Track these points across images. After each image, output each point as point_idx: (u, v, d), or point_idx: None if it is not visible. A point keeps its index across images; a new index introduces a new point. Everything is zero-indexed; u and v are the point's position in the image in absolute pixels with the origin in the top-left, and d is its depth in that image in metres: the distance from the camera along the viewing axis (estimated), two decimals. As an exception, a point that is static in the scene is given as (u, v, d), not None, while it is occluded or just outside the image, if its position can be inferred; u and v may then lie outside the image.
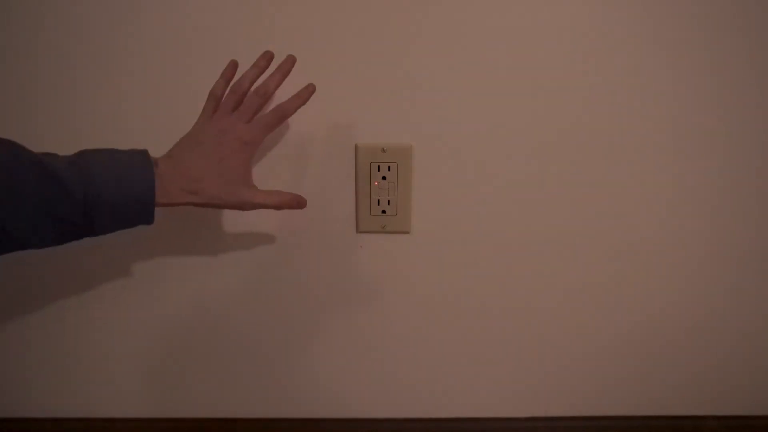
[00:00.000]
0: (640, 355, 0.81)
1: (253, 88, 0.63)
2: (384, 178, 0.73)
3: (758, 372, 0.83)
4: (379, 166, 0.73)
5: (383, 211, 0.75)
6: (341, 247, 0.76)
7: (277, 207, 0.65)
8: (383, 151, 0.72)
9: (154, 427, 0.82)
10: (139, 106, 0.70)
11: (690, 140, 0.73)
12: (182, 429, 0.82)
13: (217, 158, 0.59)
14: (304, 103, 0.64)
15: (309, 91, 0.65)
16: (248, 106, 0.62)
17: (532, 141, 0.73)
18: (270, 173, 0.74)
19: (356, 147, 0.73)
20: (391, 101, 0.71)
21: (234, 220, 0.75)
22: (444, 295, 0.78)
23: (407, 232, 0.76)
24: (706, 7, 0.69)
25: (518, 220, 0.76)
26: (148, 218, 0.57)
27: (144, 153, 0.57)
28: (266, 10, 0.68)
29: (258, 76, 0.64)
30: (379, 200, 0.74)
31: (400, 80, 0.71)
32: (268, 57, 0.64)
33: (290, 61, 0.64)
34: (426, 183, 0.74)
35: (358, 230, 0.76)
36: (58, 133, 0.71)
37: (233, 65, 0.64)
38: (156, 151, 0.60)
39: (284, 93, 0.68)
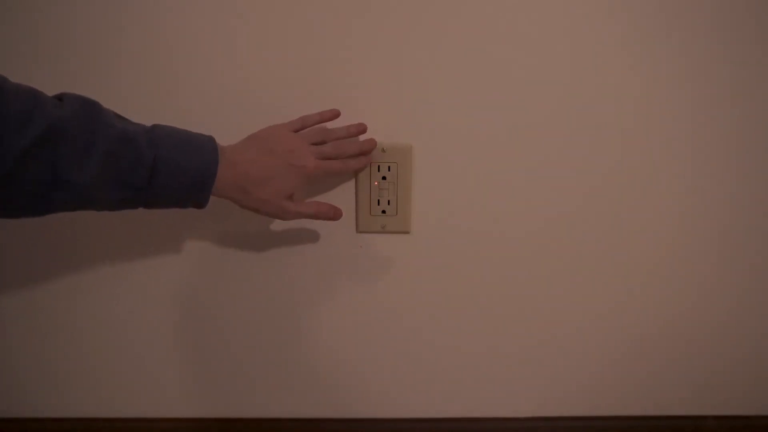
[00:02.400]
0: (641, 356, 0.81)
1: (337, 142, 0.69)
2: (384, 178, 0.73)
3: (758, 372, 0.82)
4: (379, 166, 0.73)
5: (383, 211, 0.75)
6: (341, 247, 0.76)
7: (314, 217, 0.67)
8: (383, 151, 0.72)
9: (154, 427, 0.82)
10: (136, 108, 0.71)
11: (702, 142, 0.73)
12: (182, 429, 0.82)
13: (280, 173, 0.63)
14: (369, 163, 0.72)
15: (372, 146, 0.70)
16: (326, 150, 0.67)
17: (534, 141, 0.73)
18: (270, 173, 0.74)
19: (356, 147, 0.73)
20: (391, 101, 0.71)
21: (234, 219, 0.75)
22: (444, 295, 0.78)
23: (407, 232, 0.76)
24: (723, 13, 0.69)
25: (519, 220, 0.76)
26: (202, 199, 0.59)
27: (212, 138, 0.60)
28: (266, 10, 0.68)
29: (345, 137, 0.69)
30: (379, 200, 0.74)
31: (400, 80, 0.71)
32: (361, 129, 0.70)
33: (372, 145, 0.70)
34: (426, 183, 0.74)
35: (358, 230, 0.76)
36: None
37: (335, 113, 0.69)
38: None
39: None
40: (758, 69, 0.71)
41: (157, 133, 0.56)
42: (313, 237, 0.76)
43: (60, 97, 0.52)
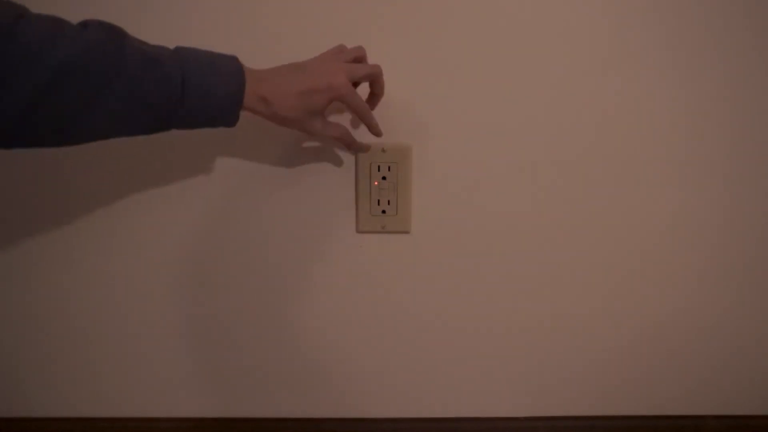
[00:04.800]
0: (640, 355, 0.81)
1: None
2: (384, 178, 0.73)
3: (758, 372, 0.82)
4: (379, 166, 0.73)
5: (383, 211, 0.75)
6: (341, 247, 0.76)
7: (338, 139, 0.67)
8: (383, 151, 0.72)
9: (155, 427, 0.82)
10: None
11: (698, 143, 0.74)
12: (183, 429, 0.82)
13: (307, 91, 0.61)
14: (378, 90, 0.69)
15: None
16: (358, 71, 0.65)
17: (534, 141, 0.73)
18: (270, 173, 0.74)
19: (356, 147, 0.73)
20: (391, 101, 0.71)
21: (233, 219, 0.75)
22: (443, 295, 0.78)
23: (407, 232, 0.76)
24: (719, 13, 0.70)
25: (519, 220, 0.76)
26: (231, 118, 0.59)
27: (236, 57, 0.60)
28: (266, 9, 0.68)
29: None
30: (379, 200, 0.74)
31: (400, 80, 0.70)
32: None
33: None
34: (426, 183, 0.74)
35: (358, 230, 0.76)
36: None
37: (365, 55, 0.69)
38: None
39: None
40: (755, 68, 0.71)
41: (182, 55, 0.56)
42: (313, 237, 0.76)
43: (84, 24, 0.52)
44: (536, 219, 0.76)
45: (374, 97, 0.69)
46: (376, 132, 0.69)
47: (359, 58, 0.67)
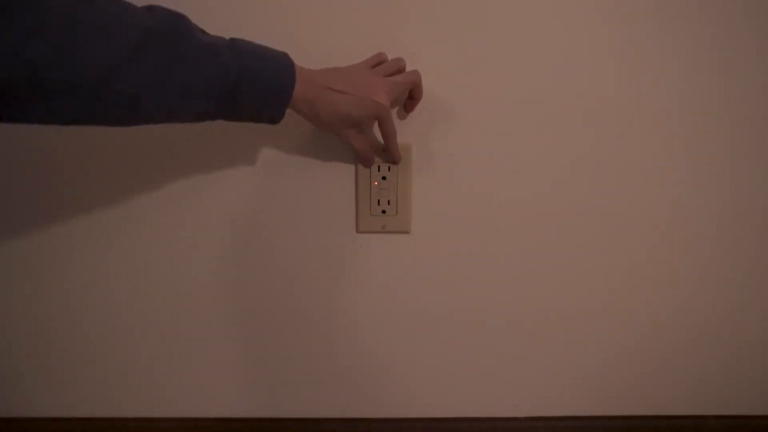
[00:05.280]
0: (640, 355, 0.81)
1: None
2: (384, 178, 0.73)
3: (758, 372, 0.82)
4: (379, 167, 0.73)
5: (383, 211, 0.75)
6: (341, 247, 0.76)
7: (358, 152, 0.69)
8: (383, 151, 0.72)
9: (155, 427, 0.82)
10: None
11: (697, 144, 0.74)
12: (183, 429, 0.82)
13: (350, 102, 0.63)
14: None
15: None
16: (398, 82, 0.67)
17: (534, 140, 0.73)
18: (270, 173, 0.74)
19: (356, 147, 0.73)
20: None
21: (232, 219, 0.75)
22: (444, 294, 0.78)
23: (407, 232, 0.76)
24: (717, 11, 0.70)
25: (519, 220, 0.76)
26: (278, 112, 0.60)
27: (287, 54, 0.61)
28: (266, 9, 0.68)
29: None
30: (379, 200, 0.74)
31: (400, 80, 0.70)
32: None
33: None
34: (426, 183, 0.74)
35: (358, 230, 0.76)
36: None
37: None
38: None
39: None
40: (755, 67, 0.71)
41: (239, 47, 0.57)
42: (313, 237, 0.76)
43: (150, 8, 0.52)
44: (536, 219, 0.76)
45: (412, 101, 0.71)
46: (394, 157, 0.71)
47: (400, 70, 0.68)
